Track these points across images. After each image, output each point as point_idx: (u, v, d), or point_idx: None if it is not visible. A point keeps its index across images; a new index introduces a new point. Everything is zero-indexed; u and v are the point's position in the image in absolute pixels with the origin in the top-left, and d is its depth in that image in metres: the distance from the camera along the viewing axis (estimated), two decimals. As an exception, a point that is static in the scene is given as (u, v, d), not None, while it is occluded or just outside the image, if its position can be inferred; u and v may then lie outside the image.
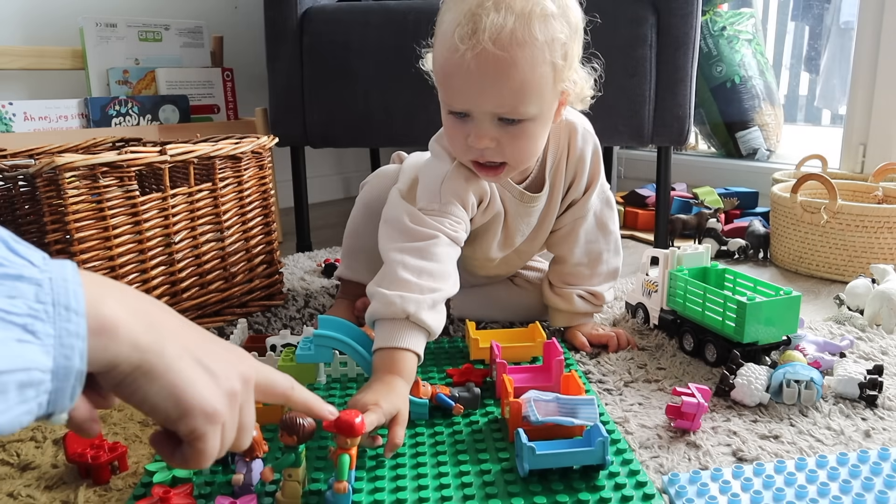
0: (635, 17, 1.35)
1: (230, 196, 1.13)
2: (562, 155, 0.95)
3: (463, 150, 0.84)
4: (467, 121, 0.81)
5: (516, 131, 0.80)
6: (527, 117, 0.80)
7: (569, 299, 1.02)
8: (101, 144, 1.24)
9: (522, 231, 1.00)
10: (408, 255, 0.81)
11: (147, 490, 0.64)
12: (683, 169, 2.13)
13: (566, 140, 0.94)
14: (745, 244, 1.53)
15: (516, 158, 0.84)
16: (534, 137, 0.83)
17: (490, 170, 0.85)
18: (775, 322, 0.90)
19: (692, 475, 0.65)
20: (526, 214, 0.97)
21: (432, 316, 0.77)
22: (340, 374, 0.89)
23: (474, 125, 0.80)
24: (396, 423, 0.69)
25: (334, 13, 1.46)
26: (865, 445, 0.73)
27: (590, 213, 1.00)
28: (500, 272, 1.10)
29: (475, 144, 0.81)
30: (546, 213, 0.99)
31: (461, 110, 0.81)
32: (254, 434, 0.60)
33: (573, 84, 0.83)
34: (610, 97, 1.38)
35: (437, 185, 0.87)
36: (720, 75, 2.06)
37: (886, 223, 1.31)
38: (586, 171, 0.97)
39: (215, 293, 1.12)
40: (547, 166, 0.95)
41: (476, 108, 0.79)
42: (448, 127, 0.85)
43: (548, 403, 0.70)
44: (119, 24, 1.62)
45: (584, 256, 1.02)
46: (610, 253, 1.03)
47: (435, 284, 0.79)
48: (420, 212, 0.86)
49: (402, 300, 0.76)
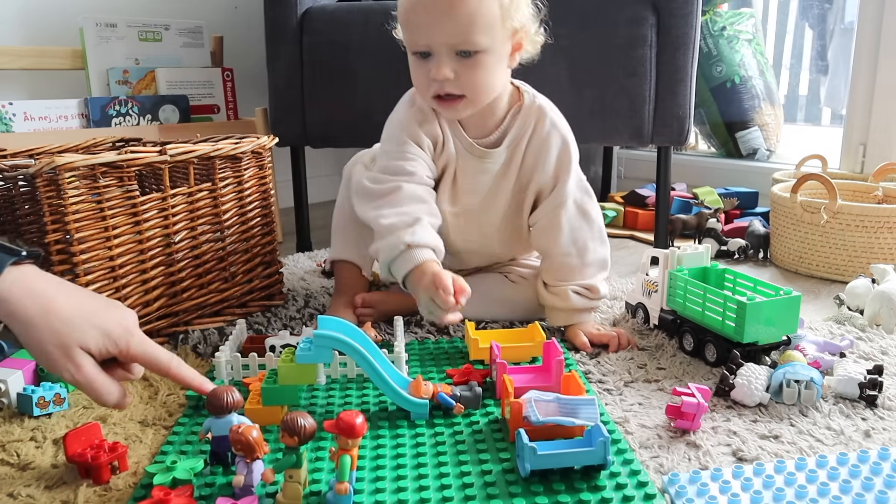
0: (635, 17, 1.35)
1: (230, 196, 1.13)
2: (525, 133, 1.02)
3: (426, 87, 0.95)
4: (429, 60, 0.92)
5: (471, 62, 0.91)
6: (479, 48, 0.90)
7: (564, 296, 1.03)
8: (101, 144, 1.24)
9: (475, 189, 1.04)
10: (382, 209, 0.94)
11: (147, 492, 0.64)
12: (683, 169, 2.13)
13: (533, 121, 1.02)
14: (745, 244, 1.53)
15: (473, 90, 0.93)
16: (488, 70, 0.92)
17: (449, 102, 0.95)
18: (775, 322, 0.90)
19: (692, 475, 0.65)
20: (477, 171, 1.03)
21: (429, 234, 0.92)
22: (340, 374, 0.89)
23: (435, 62, 0.91)
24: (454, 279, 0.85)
25: (334, 13, 1.46)
26: (865, 445, 0.73)
27: (569, 201, 1.03)
28: (470, 258, 1.13)
29: (436, 76, 0.91)
30: (501, 182, 1.04)
31: (422, 48, 0.92)
32: (254, 435, 0.60)
33: (522, 26, 0.94)
34: (610, 97, 1.40)
35: (395, 130, 1.01)
36: (720, 75, 2.06)
37: (886, 223, 1.31)
38: (550, 158, 1.02)
39: (215, 293, 1.12)
40: (508, 136, 1.02)
41: (433, 41, 0.91)
42: (413, 69, 0.96)
43: (548, 404, 0.70)
44: (119, 24, 1.62)
45: (571, 246, 1.03)
46: (595, 241, 1.05)
47: (416, 213, 0.93)
48: (379, 172, 1.00)
49: (397, 238, 0.90)
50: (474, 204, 1.05)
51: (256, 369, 0.87)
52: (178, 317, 1.07)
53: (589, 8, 1.37)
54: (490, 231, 1.08)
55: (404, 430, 0.75)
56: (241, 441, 0.61)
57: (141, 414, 0.80)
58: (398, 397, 0.78)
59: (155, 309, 1.03)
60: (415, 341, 1.02)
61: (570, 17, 1.36)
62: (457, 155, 1.02)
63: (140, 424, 0.78)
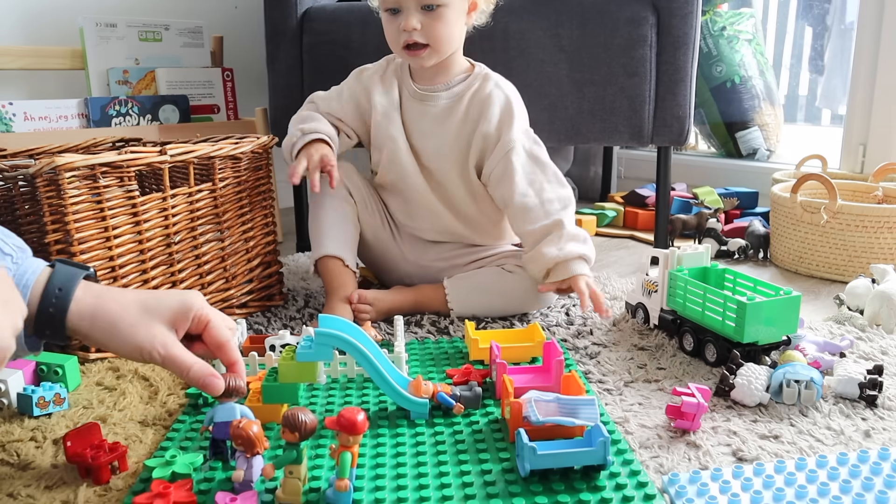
0: (635, 17, 1.35)
1: (230, 196, 1.13)
2: (468, 90, 1.15)
3: (396, 39, 1.10)
4: (398, 15, 1.08)
5: (435, 15, 1.07)
6: (441, 3, 1.06)
7: (539, 257, 1.07)
8: (101, 144, 1.24)
9: (421, 130, 1.16)
10: (298, 123, 1.16)
11: (146, 486, 0.64)
12: (683, 169, 2.13)
13: (478, 83, 1.16)
14: (745, 244, 1.53)
15: (436, 40, 1.09)
16: (449, 22, 1.09)
17: (416, 51, 1.10)
18: (775, 322, 0.90)
19: (692, 475, 0.65)
20: (420, 113, 1.16)
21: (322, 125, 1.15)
22: (340, 373, 0.89)
23: (404, 16, 1.07)
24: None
25: (334, 13, 1.46)
26: (865, 445, 0.73)
27: (518, 146, 1.12)
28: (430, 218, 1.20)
29: (405, 27, 1.07)
30: (443, 123, 1.15)
31: (392, 5, 1.08)
32: (255, 430, 0.60)
33: None
34: (610, 97, 1.40)
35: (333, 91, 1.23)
36: (720, 75, 2.06)
37: (886, 223, 1.31)
38: (493, 110, 1.13)
39: (215, 293, 1.12)
40: (452, 90, 1.16)
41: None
42: (386, 24, 1.12)
43: (548, 404, 0.70)
44: (119, 24, 1.62)
45: (527, 188, 1.10)
46: (552, 183, 1.12)
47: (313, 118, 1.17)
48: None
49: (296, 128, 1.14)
50: (428, 148, 1.16)
51: (257, 369, 0.87)
52: (178, 317, 1.07)
53: (589, 8, 1.37)
54: (444, 182, 1.18)
55: (404, 429, 0.75)
56: (241, 436, 0.61)
57: (141, 414, 0.80)
58: (398, 397, 0.78)
59: (155, 309, 1.03)
60: (415, 341, 1.02)
61: (570, 17, 1.36)
62: (401, 98, 1.18)
63: (140, 424, 0.78)
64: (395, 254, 1.22)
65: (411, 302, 1.14)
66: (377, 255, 1.23)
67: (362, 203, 1.20)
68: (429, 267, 1.21)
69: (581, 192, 2.26)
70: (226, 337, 0.70)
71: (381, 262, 1.25)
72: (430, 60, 1.11)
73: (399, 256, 1.22)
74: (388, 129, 1.17)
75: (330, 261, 1.13)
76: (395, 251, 1.22)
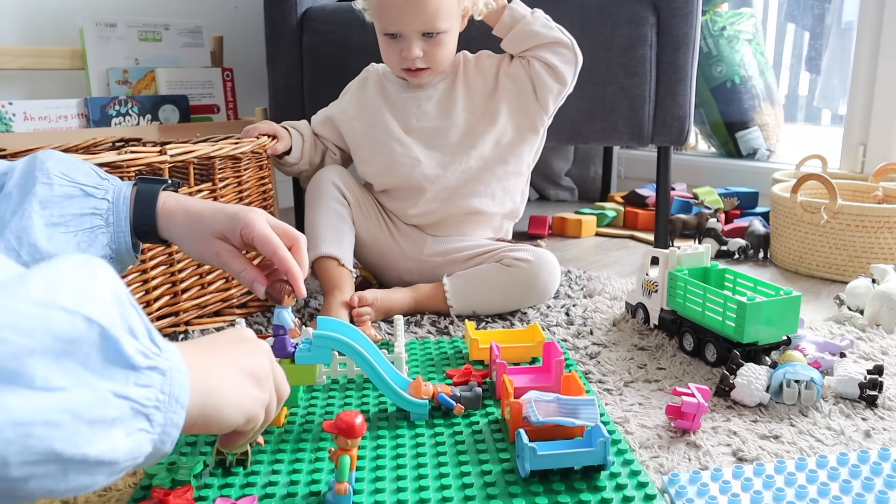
0: (635, 17, 1.35)
1: (230, 196, 1.13)
2: (457, 69, 1.22)
3: (396, 63, 1.15)
4: (399, 40, 1.12)
5: (436, 42, 1.12)
6: (442, 31, 1.11)
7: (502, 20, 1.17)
8: (100, 144, 1.24)
9: (432, 115, 1.20)
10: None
11: (146, 493, 0.64)
12: (683, 169, 2.13)
13: (461, 59, 1.22)
14: (745, 244, 1.53)
15: (436, 62, 1.15)
16: (448, 45, 1.14)
17: (417, 73, 1.16)
18: (775, 322, 0.90)
19: (692, 475, 0.65)
20: (427, 99, 1.20)
21: (299, 125, 1.25)
22: (340, 374, 0.89)
23: (405, 42, 1.11)
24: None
25: (334, 13, 1.46)
26: (865, 445, 0.73)
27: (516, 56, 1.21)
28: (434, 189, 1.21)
29: (408, 55, 1.11)
30: (450, 98, 1.20)
31: (394, 32, 1.11)
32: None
33: (473, 3, 1.14)
34: (610, 97, 1.40)
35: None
36: (720, 75, 2.06)
37: (886, 223, 1.31)
38: (491, 59, 1.22)
39: (215, 293, 1.12)
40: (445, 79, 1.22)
41: (405, 28, 1.10)
42: (384, 46, 1.15)
43: (548, 404, 0.70)
44: (119, 24, 1.62)
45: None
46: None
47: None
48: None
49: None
50: (429, 129, 1.20)
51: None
52: (179, 317, 1.07)
53: (589, 8, 1.37)
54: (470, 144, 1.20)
55: (404, 430, 0.75)
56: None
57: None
58: (398, 398, 0.78)
59: (156, 309, 1.03)
60: (415, 341, 1.02)
61: (570, 17, 1.36)
62: (389, 100, 1.22)
63: (140, 425, 0.78)
64: (394, 251, 1.23)
65: (411, 300, 1.14)
66: (376, 254, 1.24)
67: (356, 205, 1.20)
68: (428, 262, 1.21)
69: (581, 192, 2.26)
70: (272, 247, 0.72)
71: (380, 262, 1.25)
72: (429, 78, 1.19)
73: (398, 253, 1.23)
74: (381, 133, 1.21)
75: (325, 261, 1.13)
76: (394, 248, 1.22)
